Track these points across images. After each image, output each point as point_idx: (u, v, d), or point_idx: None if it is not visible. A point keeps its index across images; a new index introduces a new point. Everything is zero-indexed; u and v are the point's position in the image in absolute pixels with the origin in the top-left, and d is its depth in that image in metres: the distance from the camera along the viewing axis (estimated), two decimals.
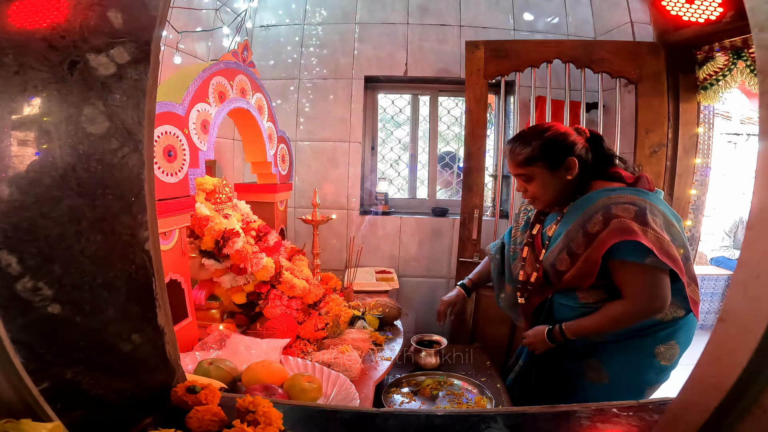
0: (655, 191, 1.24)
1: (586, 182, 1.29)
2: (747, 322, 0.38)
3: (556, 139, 1.27)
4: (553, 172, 1.27)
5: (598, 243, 1.15)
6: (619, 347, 1.24)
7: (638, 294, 1.16)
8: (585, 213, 1.21)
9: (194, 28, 2.25)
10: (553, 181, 1.28)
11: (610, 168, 1.31)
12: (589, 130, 1.33)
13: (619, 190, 1.21)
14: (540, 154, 1.27)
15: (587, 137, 1.31)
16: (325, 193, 2.76)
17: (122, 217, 0.65)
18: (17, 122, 0.57)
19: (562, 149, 1.26)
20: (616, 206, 1.16)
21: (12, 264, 0.55)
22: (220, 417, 0.65)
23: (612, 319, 1.20)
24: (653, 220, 1.13)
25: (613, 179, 1.28)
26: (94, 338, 0.63)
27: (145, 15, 0.65)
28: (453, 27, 2.72)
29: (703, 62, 2.15)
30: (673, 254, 1.13)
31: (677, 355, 1.25)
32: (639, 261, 1.13)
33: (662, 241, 1.12)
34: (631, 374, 1.24)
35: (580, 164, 1.26)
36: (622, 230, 1.12)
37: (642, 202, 1.16)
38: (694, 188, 2.31)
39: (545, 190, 1.30)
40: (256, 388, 0.98)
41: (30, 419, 0.48)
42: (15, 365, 0.49)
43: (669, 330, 1.22)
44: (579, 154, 1.26)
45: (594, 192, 1.25)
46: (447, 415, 0.72)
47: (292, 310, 1.57)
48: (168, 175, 1.24)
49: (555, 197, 1.31)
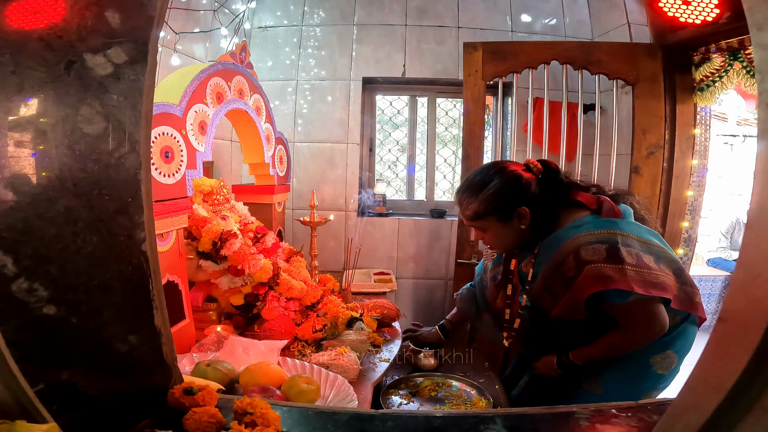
0: (622, 215, 1.18)
1: (552, 215, 1.23)
2: (747, 322, 0.38)
3: (502, 190, 1.21)
4: (506, 223, 1.23)
5: (577, 288, 1.11)
6: (613, 359, 1.20)
7: (634, 326, 1.13)
8: (557, 255, 1.17)
9: (192, 29, 2.25)
10: (508, 232, 1.24)
11: (573, 194, 1.25)
12: (540, 163, 1.27)
13: (585, 225, 1.16)
14: (488, 208, 1.22)
15: (541, 171, 1.25)
16: (323, 195, 2.75)
17: (119, 217, 0.65)
18: (13, 122, 0.57)
19: (510, 199, 1.21)
20: (585, 249, 1.10)
21: (7, 265, 0.54)
22: (217, 419, 0.65)
23: (615, 348, 1.17)
24: (627, 252, 1.08)
25: (578, 207, 1.22)
26: (90, 339, 0.62)
27: (143, 15, 0.65)
28: (451, 28, 2.73)
29: (699, 63, 2.16)
30: (658, 281, 1.08)
31: (675, 363, 1.21)
32: (624, 301, 1.09)
33: (642, 273, 1.07)
34: (626, 384, 1.21)
35: (539, 202, 1.21)
36: (598, 278, 1.07)
37: (611, 236, 1.10)
38: (690, 189, 2.32)
39: (501, 240, 1.27)
40: (254, 390, 0.98)
41: (25, 421, 0.48)
42: (10, 366, 0.48)
43: (664, 339, 1.18)
44: (532, 197, 1.21)
45: (560, 231, 1.20)
46: (446, 416, 0.72)
47: (289, 312, 1.57)
48: (165, 176, 1.23)
49: (513, 245, 1.28)
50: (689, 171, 2.31)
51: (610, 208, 1.18)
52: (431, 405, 1.30)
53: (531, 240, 1.26)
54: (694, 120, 2.29)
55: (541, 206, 1.22)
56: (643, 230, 1.18)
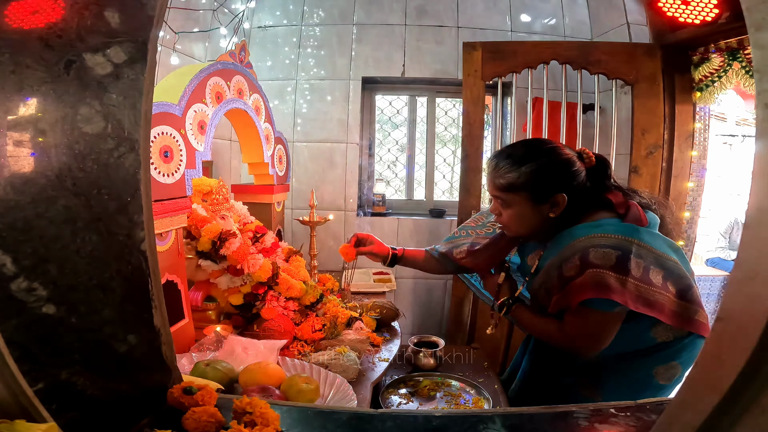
0: (648, 224, 1.09)
1: (576, 214, 1.14)
2: (745, 322, 0.38)
3: (553, 168, 1.10)
4: (536, 205, 1.12)
5: (570, 290, 1.04)
6: (616, 366, 1.16)
7: (581, 333, 1.08)
8: (565, 250, 1.09)
9: (191, 28, 2.25)
10: (533, 215, 1.13)
11: (606, 193, 1.15)
12: (595, 156, 1.16)
13: (605, 227, 1.08)
14: (527, 183, 1.10)
15: (593, 164, 1.15)
16: (323, 194, 2.75)
17: (118, 217, 0.65)
18: (13, 122, 0.57)
19: (555, 181, 1.10)
20: (596, 251, 1.03)
21: (6, 264, 0.54)
22: (216, 418, 0.65)
23: (545, 334, 1.16)
24: (637, 264, 1.01)
25: (604, 207, 1.14)
26: (89, 339, 0.62)
27: (142, 15, 0.65)
28: (450, 28, 2.73)
29: (698, 63, 2.16)
30: (652, 300, 1.01)
31: (678, 374, 1.14)
32: (604, 310, 1.03)
33: (641, 288, 1.01)
34: (626, 393, 1.13)
35: (579, 195, 1.11)
36: (597, 285, 1.00)
37: (627, 244, 1.02)
38: (689, 190, 2.32)
39: (521, 223, 1.16)
40: (254, 389, 0.98)
41: (24, 420, 0.48)
42: (9, 366, 0.48)
43: (670, 350, 1.12)
44: (575, 187, 1.10)
45: (578, 227, 1.11)
46: (445, 415, 0.72)
47: (289, 312, 1.56)
48: (164, 175, 1.23)
49: (530, 232, 1.17)
50: (688, 171, 2.32)
51: (637, 214, 1.09)
52: (431, 405, 1.30)
53: (546, 233, 1.18)
54: (693, 120, 2.30)
55: (579, 199, 1.12)
56: (665, 243, 1.10)
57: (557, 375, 1.26)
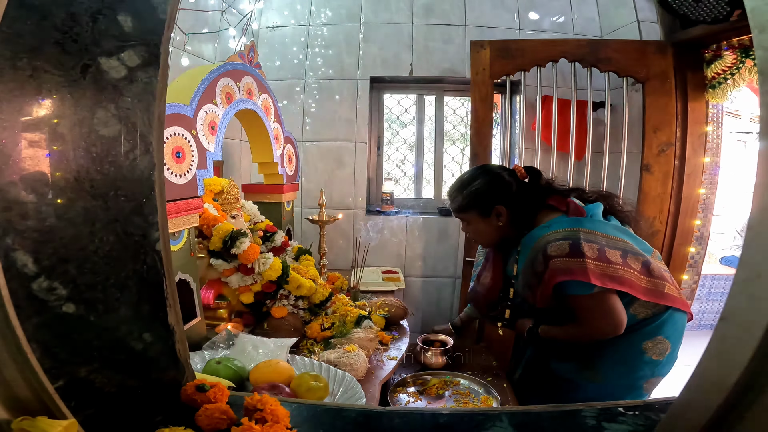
0: (587, 214, 1.30)
1: (531, 215, 1.37)
2: (748, 321, 0.38)
3: (486, 186, 1.37)
4: (486, 218, 1.39)
5: (544, 282, 1.23)
6: (608, 346, 1.27)
7: (590, 320, 1.23)
8: (531, 253, 1.29)
9: (201, 29, 2.27)
10: (487, 227, 1.40)
11: (548, 198, 1.39)
12: (526, 169, 1.42)
13: (553, 225, 1.28)
14: (471, 203, 1.39)
15: (525, 177, 1.40)
16: (332, 193, 2.77)
17: (134, 218, 0.66)
18: (32, 125, 0.58)
19: (490, 197, 1.37)
20: (551, 245, 1.22)
21: (28, 264, 0.56)
22: (228, 415, 0.66)
23: (572, 337, 1.30)
24: (589, 247, 1.19)
25: (552, 209, 1.36)
26: (107, 337, 0.64)
27: (155, 18, 0.66)
28: (458, 27, 2.72)
29: (711, 61, 2.14)
30: (617, 275, 1.18)
31: (669, 349, 1.28)
32: (585, 293, 1.20)
33: (602, 266, 1.18)
34: (623, 370, 1.29)
35: (516, 203, 1.36)
36: (561, 270, 1.19)
37: (574, 234, 1.22)
38: (703, 187, 2.30)
39: (481, 235, 1.44)
40: (264, 387, 0.99)
41: (46, 417, 0.49)
42: (31, 364, 0.50)
43: (653, 325, 1.26)
44: (511, 197, 1.36)
45: (535, 230, 1.33)
46: (452, 413, 0.72)
47: (298, 310, 1.58)
48: (177, 176, 1.25)
49: (492, 240, 1.44)
50: (701, 169, 2.29)
51: (576, 208, 1.31)
52: (439, 403, 1.30)
53: (513, 239, 1.40)
54: (706, 117, 2.27)
55: (518, 206, 1.37)
56: (608, 227, 1.29)
57: (559, 359, 1.38)
